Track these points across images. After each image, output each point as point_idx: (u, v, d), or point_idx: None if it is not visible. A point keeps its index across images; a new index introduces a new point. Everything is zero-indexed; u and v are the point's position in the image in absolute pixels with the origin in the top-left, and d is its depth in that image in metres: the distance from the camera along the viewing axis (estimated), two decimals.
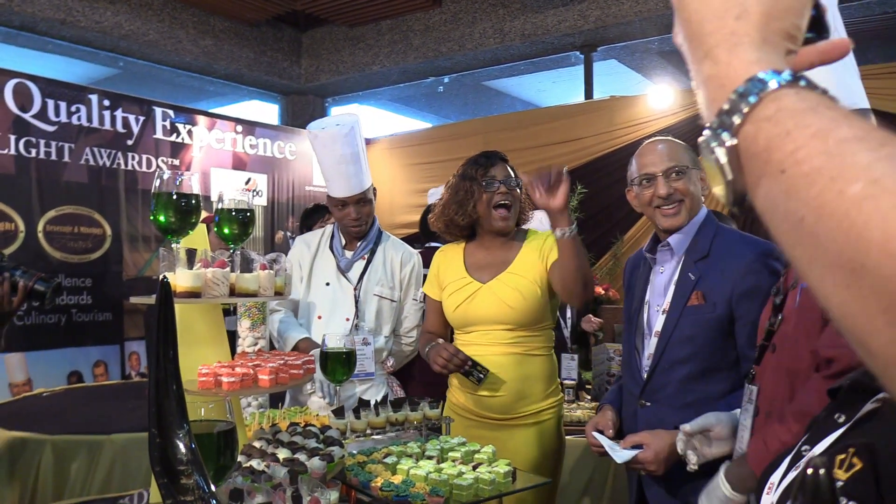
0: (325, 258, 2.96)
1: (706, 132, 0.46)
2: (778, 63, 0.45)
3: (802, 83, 0.43)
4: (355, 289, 2.87)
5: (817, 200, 0.36)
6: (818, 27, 0.53)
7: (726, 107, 0.44)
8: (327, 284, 2.90)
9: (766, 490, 0.86)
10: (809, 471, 0.74)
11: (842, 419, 0.83)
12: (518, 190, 2.53)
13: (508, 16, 6.54)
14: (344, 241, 2.98)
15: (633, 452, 1.90)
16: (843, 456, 0.75)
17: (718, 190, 0.46)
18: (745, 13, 0.47)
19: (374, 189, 2.98)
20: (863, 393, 0.83)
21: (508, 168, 2.54)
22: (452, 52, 6.89)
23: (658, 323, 2.01)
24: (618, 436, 2.07)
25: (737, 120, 0.44)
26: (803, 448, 0.85)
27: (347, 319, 2.84)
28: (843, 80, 1.35)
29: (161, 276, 1.02)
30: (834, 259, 0.35)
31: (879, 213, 0.33)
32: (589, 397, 3.68)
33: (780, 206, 0.39)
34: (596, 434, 2.03)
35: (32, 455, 2.69)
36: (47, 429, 2.80)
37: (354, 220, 2.87)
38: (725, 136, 0.44)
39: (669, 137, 2.13)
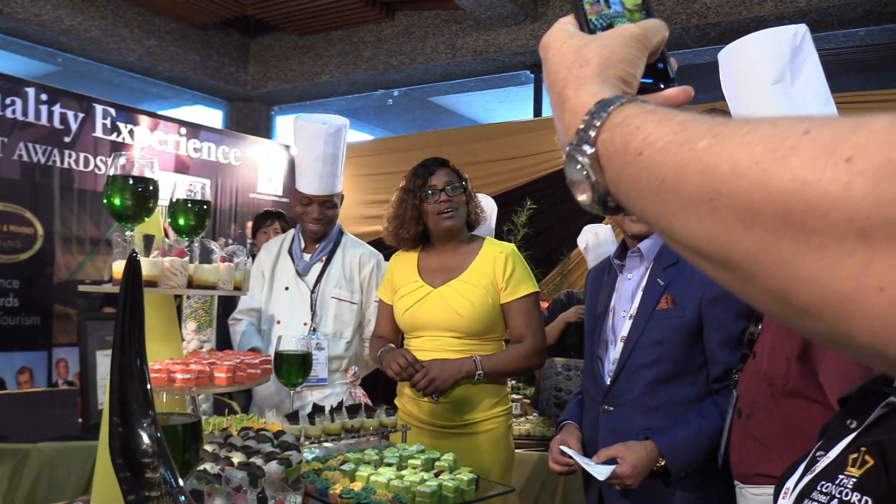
0: (285, 263, 2.92)
1: (568, 150, 0.55)
2: (615, 93, 0.57)
3: (639, 100, 0.54)
4: (312, 292, 2.80)
5: (674, 160, 0.44)
6: (664, 78, 0.65)
7: (582, 126, 0.54)
8: (286, 289, 2.84)
9: (781, 494, 0.88)
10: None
11: (853, 425, 0.91)
12: (463, 194, 2.50)
13: (461, 32, 6.55)
14: (303, 244, 2.93)
15: (610, 468, 1.79)
16: (855, 455, 0.80)
17: (584, 198, 0.55)
18: (587, 63, 0.61)
19: (342, 196, 2.95)
20: (871, 398, 0.91)
21: (451, 171, 2.51)
22: (403, 65, 6.86)
23: (624, 328, 1.98)
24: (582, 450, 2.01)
25: (592, 133, 0.53)
26: (818, 454, 0.88)
27: (305, 324, 2.76)
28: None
29: (130, 252, 0.94)
30: (694, 197, 0.42)
31: (725, 151, 0.40)
32: (536, 412, 3.65)
33: (642, 180, 0.47)
34: (566, 449, 1.93)
35: None
36: None
37: (315, 220, 2.82)
38: (586, 147, 0.53)
39: None
